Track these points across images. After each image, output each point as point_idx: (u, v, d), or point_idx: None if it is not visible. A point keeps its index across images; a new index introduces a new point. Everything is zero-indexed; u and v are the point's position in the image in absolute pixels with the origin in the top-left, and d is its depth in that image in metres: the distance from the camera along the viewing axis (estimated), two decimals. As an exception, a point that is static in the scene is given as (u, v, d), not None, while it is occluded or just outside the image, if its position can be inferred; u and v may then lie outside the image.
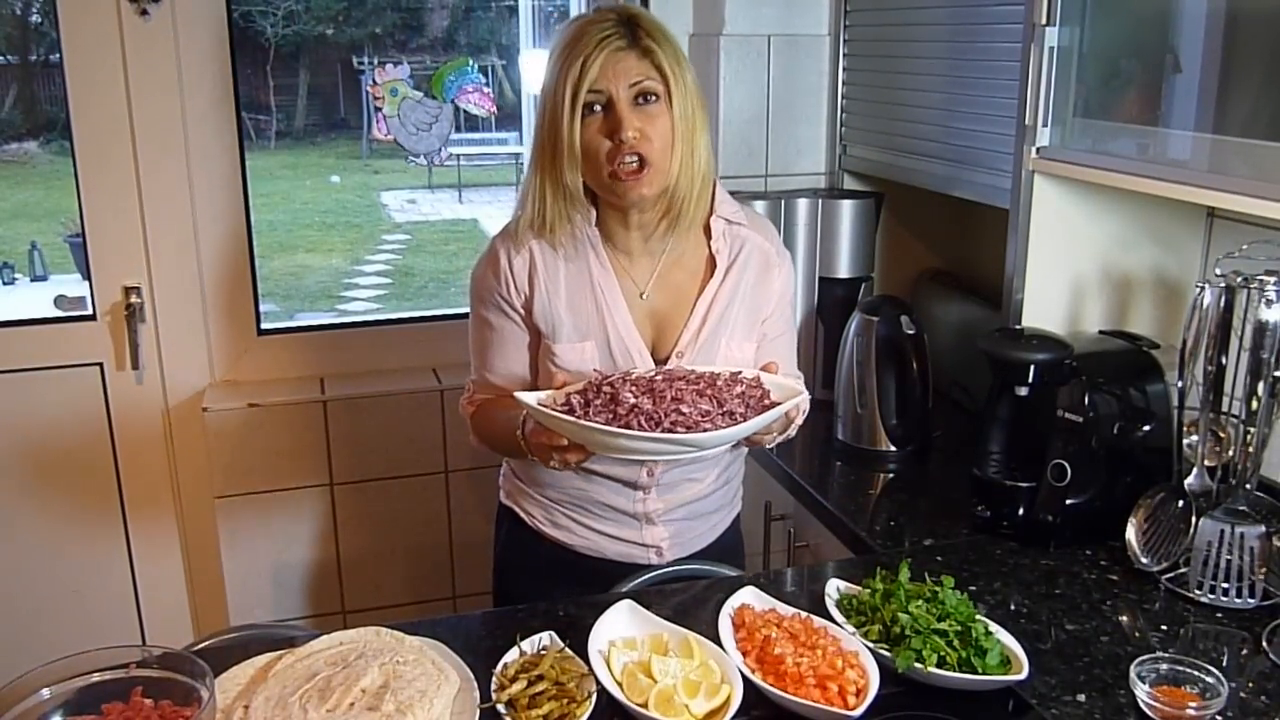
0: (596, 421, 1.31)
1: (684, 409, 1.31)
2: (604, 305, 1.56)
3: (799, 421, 1.65)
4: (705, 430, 1.30)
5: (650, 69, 1.46)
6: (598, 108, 1.45)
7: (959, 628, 1.29)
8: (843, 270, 2.33)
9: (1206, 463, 1.53)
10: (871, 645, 1.30)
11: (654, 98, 1.46)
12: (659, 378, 1.39)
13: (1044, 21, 1.64)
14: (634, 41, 1.46)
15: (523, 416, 1.46)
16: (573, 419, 1.32)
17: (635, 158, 1.45)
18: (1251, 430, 1.47)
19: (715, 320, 1.59)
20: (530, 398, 1.39)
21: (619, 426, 1.29)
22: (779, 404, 1.38)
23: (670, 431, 1.29)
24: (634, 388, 1.35)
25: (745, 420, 1.33)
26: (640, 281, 1.59)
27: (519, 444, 1.48)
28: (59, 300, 2.62)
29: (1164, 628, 1.43)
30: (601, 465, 1.59)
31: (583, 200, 1.52)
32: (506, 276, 1.56)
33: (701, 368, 1.45)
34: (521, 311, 1.58)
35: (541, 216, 1.52)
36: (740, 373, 1.43)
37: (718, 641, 1.32)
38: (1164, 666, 1.24)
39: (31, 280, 3.13)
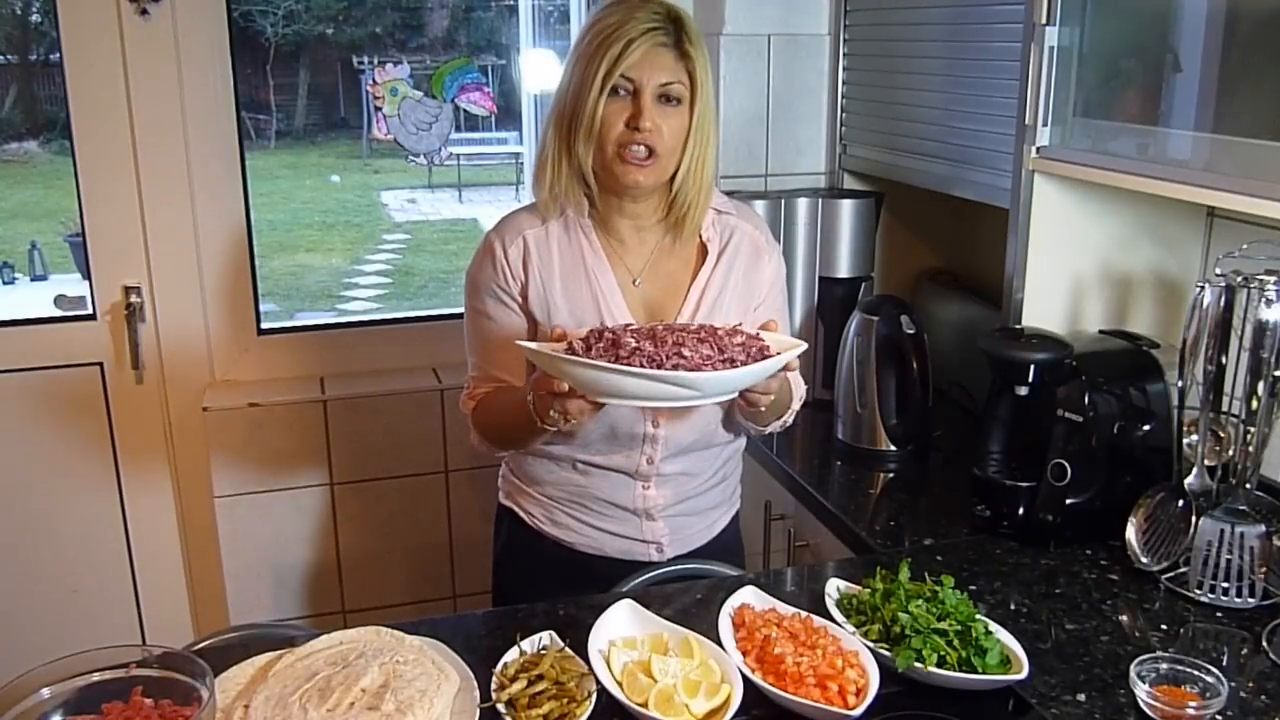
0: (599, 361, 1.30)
1: (685, 352, 1.31)
2: (598, 291, 1.57)
3: (795, 407, 1.66)
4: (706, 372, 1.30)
5: (683, 73, 1.50)
6: (623, 92, 1.49)
7: (959, 627, 1.29)
8: (843, 270, 2.33)
9: (1206, 462, 1.53)
10: (871, 645, 1.30)
11: (677, 101, 1.50)
12: (660, 327, 1.39)
13: (1044, 21, 1.64)
14: (676, 42, 1.49)
15: (528, 380, 1.46)
16: (574, 358, 1.31)
17: (644, 149, 1.48)
18: (1251, 430, 1.47)
19: (708, 307, 1.60)
20: (532, 345, 1.40)
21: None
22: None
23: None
24: (635, 334, 1.35)
25: (746, 366, 1.33)
26: (633, 269, 1.61)
27: (528, 414, 1.45)
28: (59, 300, 2.61)
29: (1164, 627, 1.43)
30: (601, 455, 1.60)
31: (590, 178, 1.54)
32: (502, 264, 1.58)
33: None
34: (519, 299, 1.59)
35: (558, 184, 1.55)
36: (740, 324, 1.44)
37: (718, 641, 1.31)
38: (1164, 666, 1.24)
39: (31, 280, 3.13)
